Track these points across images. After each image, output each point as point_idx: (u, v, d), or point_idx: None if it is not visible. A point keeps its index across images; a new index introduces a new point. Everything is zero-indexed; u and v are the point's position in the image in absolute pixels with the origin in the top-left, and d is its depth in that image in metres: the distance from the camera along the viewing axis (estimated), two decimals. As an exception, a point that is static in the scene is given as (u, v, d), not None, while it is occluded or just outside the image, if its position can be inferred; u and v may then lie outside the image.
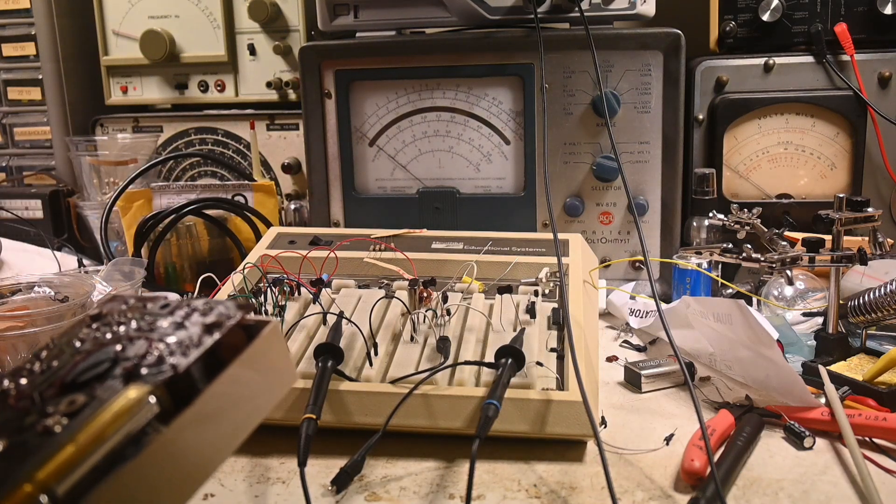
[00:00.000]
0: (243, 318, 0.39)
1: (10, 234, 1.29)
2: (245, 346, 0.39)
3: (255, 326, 0.39)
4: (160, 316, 0.40)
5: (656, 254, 1.04)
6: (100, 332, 0.40)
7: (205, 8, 1.29)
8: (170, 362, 0.37)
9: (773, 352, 0.68)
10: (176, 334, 0.38)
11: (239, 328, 0.39)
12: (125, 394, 0.35)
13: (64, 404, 0.35)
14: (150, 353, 0.37)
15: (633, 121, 1.01)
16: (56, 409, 0.35)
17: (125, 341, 0.39)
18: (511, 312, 0.74)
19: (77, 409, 0.35)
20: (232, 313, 0.39)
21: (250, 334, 0.39)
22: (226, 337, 0.38)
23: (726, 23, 1.08)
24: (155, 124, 1.35)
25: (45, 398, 0.36)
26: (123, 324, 0.41)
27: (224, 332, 0.38)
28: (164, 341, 0.38)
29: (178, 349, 0.37)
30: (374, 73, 1.05)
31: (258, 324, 0.39)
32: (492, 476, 0.61)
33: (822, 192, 1.07)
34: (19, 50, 1.39)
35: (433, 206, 1.06)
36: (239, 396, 0.38)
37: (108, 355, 0.38)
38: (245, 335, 0.39)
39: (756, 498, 0.57)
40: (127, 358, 0.37)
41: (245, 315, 0.39)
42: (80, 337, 0.40)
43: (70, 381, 0.37)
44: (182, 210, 1.06)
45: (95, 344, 0.39)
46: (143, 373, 0.36)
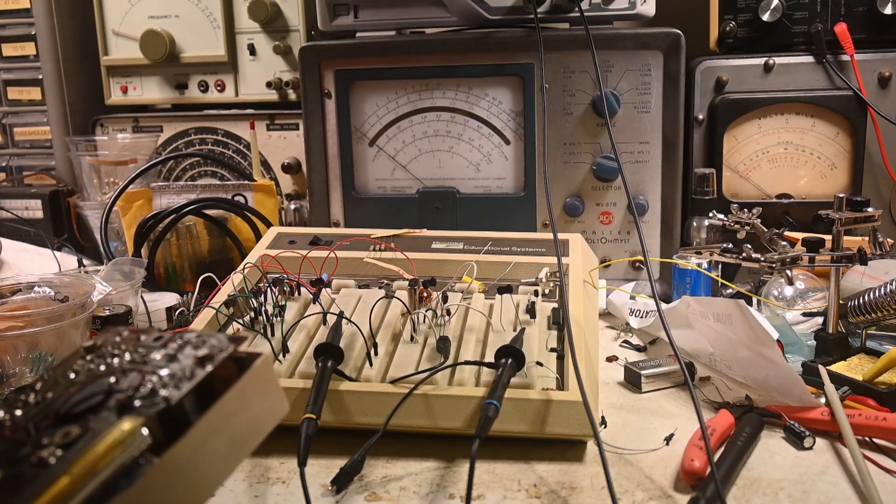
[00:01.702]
0: (235, 350, 0.39)
1: (10, 234, 1.29)
2: (236, 379, 0.39)
3: (246, 359, 0.40)
4: (153, 348, 0.41)
5: (656, 254, 1.04)
6: (94, 363, 0.41)
7: (205, 8, 1.29)
8: (162, 394, 0.37)
9: (773, 352, 0.68)
10: (169, 366, 0.39)
11: (230, 361, 0.39)
12: (118, 426, 0.36)
13: (58, 436, 0.36)
14: (143, 386, 0.38)
15: (633, 121, 1.01)
16: (51, 441, 0.36)
17: (119, 373, 0.39)
18: (511, 312, 0.74)
19: (71, 441, 0.35)
20: (224, 346, 0.39)
21: (241, 367, 0.40)
22: (217, 370, 0.38)
23: (726, 23, 1.08)
24: (155, 124, 1.35)
25: (39, 429, 0.37)
26: (117, 356, 0.41)
27: (216, 365, 0.38)
28: (156, 373, 0.39)
29: (171, 381, 0.38)
30: (374, 73, 1.05)
31: (249, 356, 0.40)
32: (492, 476, 0.61)
33: (822, 192, 1.07)
34: (19, 50, 1.39)
35: (433, 206, 1.06)
36: (230, 428, 0.39)
37: (101, 387, 0.38)
38: (237, 367, 0.40)
39: (756, 498, 0.57)
40: (120, 390, 0.38)
41: (237, 348, 0.40)
42: (74, 368, 0.41)
43: (65, 413, 0.37)
44: (182, 210, 1.06)
45: (90, 376, 0.40)
46: (136, 405, 0.37)
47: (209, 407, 0.38)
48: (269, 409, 0.42)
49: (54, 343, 0.76)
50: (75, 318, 0.78)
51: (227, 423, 0.39)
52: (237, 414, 0.39)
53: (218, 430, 0.38)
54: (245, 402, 0.39)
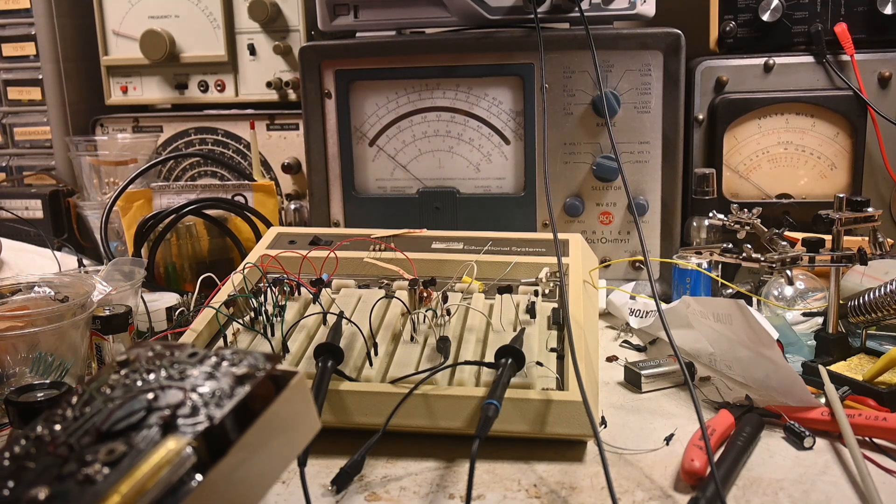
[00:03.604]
0: (273, 368, 0.40)
1: (10, 234, 1.29)
2: (274, 397, 0.40)
3: (282, 377, 0.41)
4: (189, 364, 0.41)
5: (656, 254, 1.04)
6: (129, 378, 0.41)
7: (205, 8, 1.29)
8: (205, 413, 0.38)
9: (773, 352, 0.68)
10: (207, 384, 0.39)
11: (267, 379, 0.40)
12: (165, 444, 0.36)
13: (103, 453, 0.36)
14: (184, 404, 0.38)
15: (633, 121, 1.01)
16: (95, 458, 0.36)
17: (158, 390, 0.40)
18: (511, 312, 0.74)
19: (116, 459, 0.36)
20: (261, 364, 0.40)
21: (278, 384, 0.41)
22: (255, 388, 0.39)
23: (726, 23, 1.08)
24: (155, 124, 1.35)
25: (82, 446, 0.37)
26: (153, 371, 0.41)
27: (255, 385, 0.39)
28: (196, 391, 0.39)
29: (212, 400, 0.38)
30: (374, 73, 1.05)
31: (285, 374, 0.41)
32: (492, 476, 0.61)
33: (822, 192, 1.07)
34: (19, 50, 1.39)
35: (433, 206, 1.06)
36: (268, 445, 0.40)
37: (141, 404, 0.39)
38: (273, 385, 0.40)
39: (756, 498, 0.57)
40: (161, 407, 0.38)
41: (274, 366, 0.40)
42: (109, 384, 0.41)
43: (107, 430, 0.38)
44: (182, 210, 1.06)
45: (126, 391, 0.40)
46: (180, 423, 0.37)
47: (249, 425, 0.38)
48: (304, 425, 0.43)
49: (54, 343, 0.76)
50: (75, 318, 0.78)
51: (265, 440, 0.39)
52: (274, 431, 0.40)
53: (257, 448, 0.39)
54: (282, 419, 0.40)
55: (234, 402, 0.38)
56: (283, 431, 0.41)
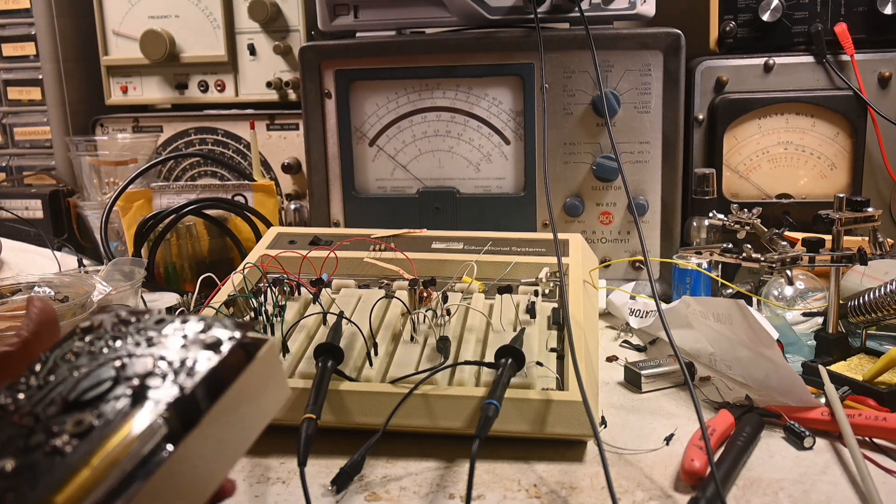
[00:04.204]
0: (244, 336, 0.39)
1: (10, 234, 1.29)
2: (245, 365, 0.39)
3: (252, 345, 0.40)
4: (157, 332, 0.40)
5: (656, 254, 1.04)
6: (94, 346, 0.40)
7: (205, 8, 1.29)
8: (175, 382, 0.37)
9: (773, 352, 0.68)
10: (176, 352, 0.38)
11: (238, 347, 0.39)
12: (135, 415, 0.35)
13: (71, 424, 0.35)
14: (153, 373, 0.37)
15: (633, 121, 1.01)
16: (63, 429, 0.35)
17: (125, 358, 0.38)
18: (511, 312, 0.74)
19: (85, 430, 0.35)
20: (232, 331, 0.39)
21: (248, 352, 0.40)
22: (226, 356, 0.38)
23: (726, 23, 1.08)
24: (155, 124, 1.35)
25: (48, 416, 0.36)
26: (119, 338, 0.40)
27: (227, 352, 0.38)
28: (165, 360, 0.38)
29: (182, 369, 0.37)
30: (374, 73, 1.05)
31: (256, 342, 0.40)
32: (492, 476, 0.61)
33: (822, 192, 1.07)
34: (19, 50, 1.39)
35: (433, 206, 1.06)
36: (238, 413, 0.39)
37: (109, 373, 0.38)
38: (244, 353, 0.39)
39: (756, 498, 0.57)
40: (129, 377, 0.37)
41: (245, 334, 0.39)
42: (73, 351, 0.40)
43: (74, 400, 0.36)
44: (182, 210, 1.06)
45: (92, 359, 0.39)
46: (150, 393, 0.36)
47: (220, 394, 0.37)
48: (274, 393, 0.42)
49: (54, 343, 0.76)
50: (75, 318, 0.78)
51: (236, 409, 0.38)
52: (245, 400, 0.39)
53: (228, 417, 0.38)
54: (252, 387, 0.39)
55: (205, 372, 0.37)
56: (254, 399, 0.40)
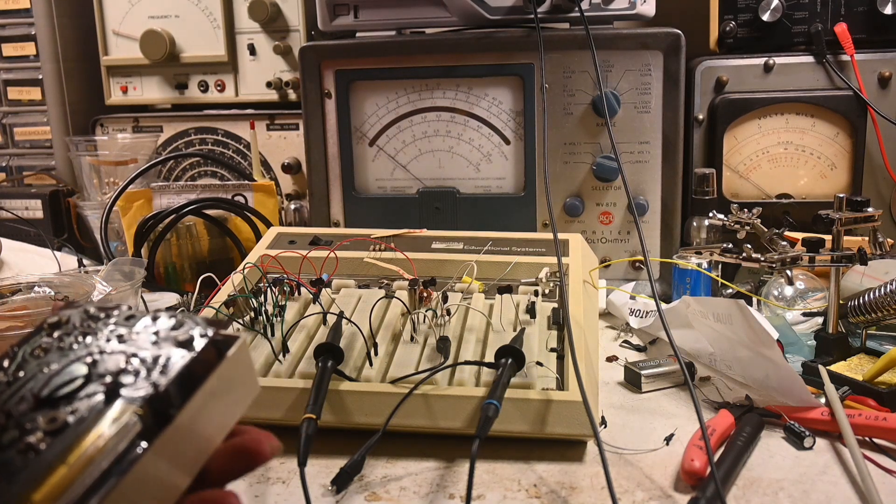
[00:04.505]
0: (216, 333, 0.39)
1: (10, 234, 1.29)
2: (217, 362, 0.39)
3: (223, 342, 0.40)
4: (127, 328, 0.40)
5: (656, 254, 1.04)
6: (63, 342, 0.40)
7: (205, 8, 1.29)
8: (148, 380, 0.36)
9: (773, 352, 0.68)
10: (148, 349, 0.38)
11: (210, 344, 0.39)
12: (110, 413, 0.35)
13: (44, 421, 0.35)
14: (126, 370, 0.37)
15: (633, 121, 1.01)
16: (36, 426, 0.35)
17: (96, 355, 0.38)
18: (511, 312, 0.74)
19: (59, 427, 0.34)
20: (203, 329, 0.39)
21: (220, 350, 0.39)
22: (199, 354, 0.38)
23: (726, 23, 1.08)
24: (155, 124, 1.35)
25: (20, 413, 0.36)
26: (89, 334, 0.40)
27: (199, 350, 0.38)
28: (137, 357, 0.38)
29: (154, 366, 0.37)
30: (374, 73, 1.05)
31: (227, 339, 0.40)
32: (492, 476, 0.61)
33: (822, 192, 1.07)
34: (19, 50, 1.39)
35: (433, 206, 1.06)
36: (211, 410, 0.39)
37: (81, 370, 0.37)
38: (216, 351, 0.39)
39: (756, 498, 0.57)
40: (101, 374, 0.37)
41: (217, 331, 0.39)
42: (42, 346, 0.40)
43: (46, 397, 0.36)
44: (182, 210, 1.06)
45: (62, 355, 0.39)
46: (123, 391, 0.36)
47: (193, 391, 0.37)
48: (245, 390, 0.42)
49: (54, 343, 0.76)
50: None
51: (207, 406, 0.38)
52: (217, 396, 0.39)
53: (200, 413, 0.38)
54: (224, 384, 0.39)
55: (178, 369, 0.37)
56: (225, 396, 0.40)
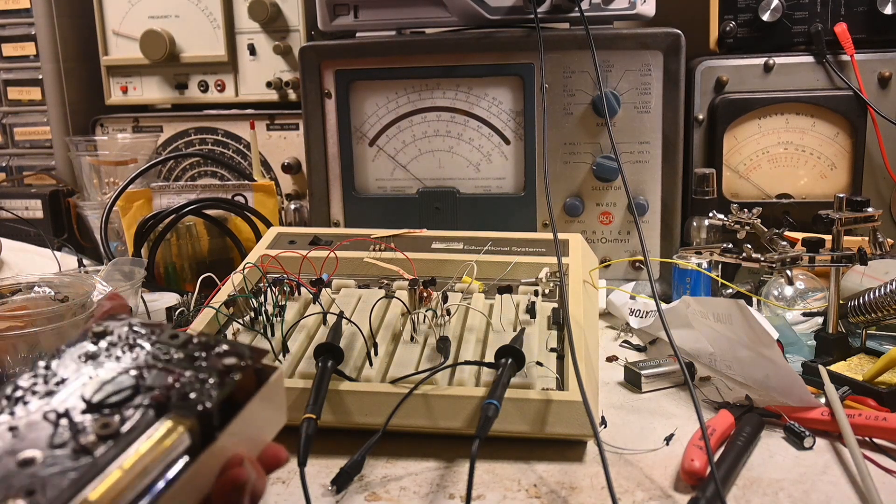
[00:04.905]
0: (256, 361, 0.40)
1: (10, 234, 1.29)
2: (256, 390, 0.40)
3: (263, 371, 0.41)
4: (172, 347, 0.41)
5: (656, 254, 1.04)
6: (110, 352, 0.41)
7: (205, 8, 1.29)
8: (198, 398, 0.37)
9: (773, 352, 0.68)
10: (193, 370, 0.39)
11: (252, 372, 0.40)
12: (161, 426, 0.36)
13: (97, 425, 0.35)
14: (173, 387, 0.38)
15: (633, 121, 1.01)
16: (89, 429, 0.35)
17: (143, 370, 0.39)
18: (511, 312, 0.74)
19: (112, 434, 0.35)
20: (247, 356, 0.40)
21: (259, 378, 0.41)
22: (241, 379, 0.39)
23: (726, 23, 1.08)
24: (155, 124, 1.35)
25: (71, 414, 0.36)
26: (135, 347, 0.41)
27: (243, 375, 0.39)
28: (184, 376, 0.39)
29: (201, 387, 0.38)
30: (374, 73, 1.05)
31: (265, 368, 0.41)
32: (492, 476, 0.61)
33: (822, 192, 1.07)
34: (19, 50, 1.39)
35: (433, 206, 1.06)
36: (245, 434, 0.40)
37: (129, 381, 0.38)
38: (256, 378, 0.41)
39: (756, 498, 0.57)
40: (150, 388, 0.38)
41: (258, 360, 0.40)
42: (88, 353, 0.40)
43: (97, 402, 0.37)
44: (182, 210, 1.06)
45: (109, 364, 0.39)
46: (172, 406, 0.37)
47: (234, 415, 0.38)
48: (276, 417, 0.43)
49: (54, 343, 0.76)
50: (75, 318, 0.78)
51: (244, 429, 0.39)
52: (251, 421, 0.40)
53: (235, 437, 0.39)
54: (259, 411, 0.40)
55: (225, 391, 0.38)
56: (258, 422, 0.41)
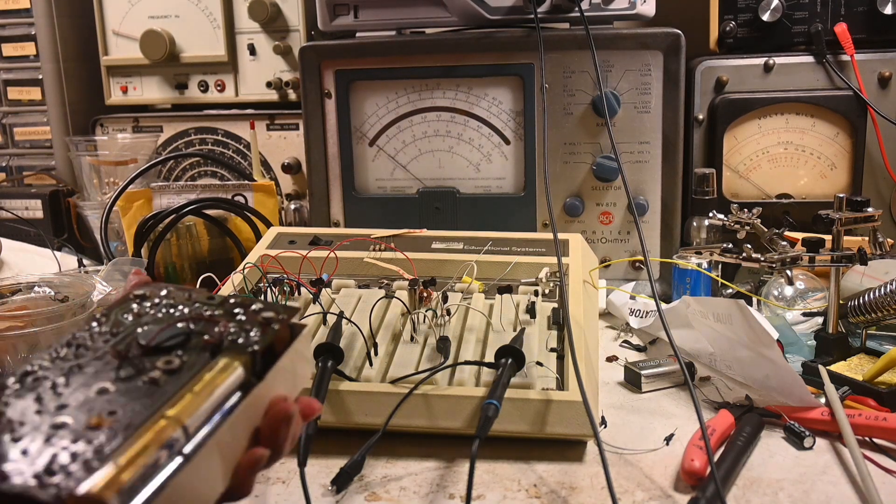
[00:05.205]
0: (290, 317, 0.44)
1: (10, 234, 1.29)
2: (290, 342, 0.44)
3: (294, 326, 0.45)
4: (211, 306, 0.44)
5: (656, 254, 1.04)
6: (155, 310, 0.44)
7: (205, 8, 1.29)
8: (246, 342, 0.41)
9: (773, 352, 0.68)
10: (237, 324, 0.43)
11: (287, 326, 0.43)
12: (222, 361, 0.39)
13: (161, 362, 0.39)
14: (223, 333, 0.41)
15: (633, 121, 1.01)
16: (154, 366, 0.38)
17: (191, 322, 0.42)
18: (511, 312, 0.74)
19: (175, 369, 0.38)
20: (281, 312, 0.44)
21: (292, 332, 0.44)
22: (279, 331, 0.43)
23: (726, 23, 1.08)
24: (155, 124, 1.35)
25: (133, 356, 0.39)
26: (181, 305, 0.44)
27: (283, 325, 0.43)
28: (230, 326, 0.42)
29: (246, 335, 0.42)
30: (374, 73, 1.05)
31: (296, 325, 0.45)
32: (492, 476, 0.61)
33: (822, 192, 1.07)
34: (19, 50, 1.39)
35: (433, 206, 1.06)
36: (283, 380, 0.43)
37: (181, 329, 0.41)
38: (289, 332, 0.44)
39: (756, 498, 0.57)
40: (201, 333, 0.41)
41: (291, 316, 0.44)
42: (134, 312, 0.43)
43: (155, 346, 0.40)
44: (182, 210, 1.06)
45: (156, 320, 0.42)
46: (225, 348, 0.40)
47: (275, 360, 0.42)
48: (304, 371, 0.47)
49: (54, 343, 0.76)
50: (75, 318, 0.78)
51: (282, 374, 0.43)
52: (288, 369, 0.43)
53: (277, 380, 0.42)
54: (293, 360, 0.44)
55: (269, 337, 0.42)
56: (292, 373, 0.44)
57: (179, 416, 0.36)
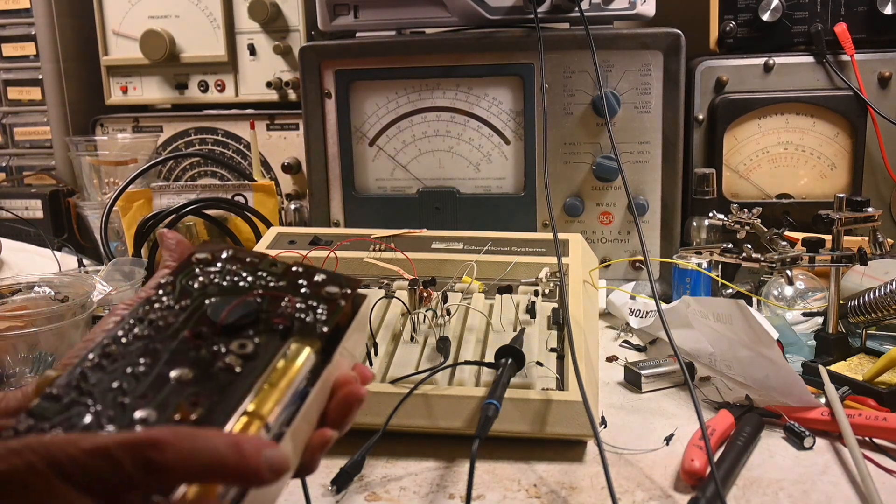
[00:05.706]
0: (354, 291, 0.44)
1: (10, 234, 1.29)
2: (354, 315, 0.44)
3: (357, 297, 0.45)
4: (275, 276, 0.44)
5: (656, 254, 1.04)
6: (218, 278, 0.43)
7: (205, 8, 1.29)
8: (314, 322, 0.41)
9: (773, 352, 0.68)
10: (302, 298, 0.42)
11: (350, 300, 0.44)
12: (294, 346, 0.39)
13: (235, 346, 0.39)
14: (291, 313, 0.41)
15: (633, 121, 1.01)
16: (229, 349, 0.38)
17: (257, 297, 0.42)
18: (511, 312, 0.74)
19: (251, 354, 0.38)
20: (345, 284, 0.44)
21: (356, 304, 0.44)
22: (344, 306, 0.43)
23: (726, 23, 1.08)
24: (155, 124, 1.35)
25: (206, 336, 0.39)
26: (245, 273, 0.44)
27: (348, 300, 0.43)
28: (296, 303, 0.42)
29: (314, 312, 0.42)
30: (374, 73, 1.05)
31: (359, 296, 0.45)
32: (492, 476, 0.61)
33: (822, 192, 1.07)
34: (19, 50, 1.39)
35: (433, 206, 1.06)
36: (347, 354, 0.43)
37: (252, 306, 0.41)
38: (353, 305, 0.44)
39: (756, 498, 0.57)
40: (270, 311, 0.41)
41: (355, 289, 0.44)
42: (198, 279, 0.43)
43: (227, 325, 0.40)
44: (182, 210, 1.06)
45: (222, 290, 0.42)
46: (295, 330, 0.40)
47: (342, 336, 0.42)
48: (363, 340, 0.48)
49: (54, 343, 0.77)
50: (75, 318, 0.78)
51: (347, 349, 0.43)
52: (351, 343, 0.44)
53: (342, 356, 0.42)
54: (356, 333, 0.44)
55: (336, 316, 0.42)
56: (355, 344, 0.45)
57: (261, 412, 0.36)
